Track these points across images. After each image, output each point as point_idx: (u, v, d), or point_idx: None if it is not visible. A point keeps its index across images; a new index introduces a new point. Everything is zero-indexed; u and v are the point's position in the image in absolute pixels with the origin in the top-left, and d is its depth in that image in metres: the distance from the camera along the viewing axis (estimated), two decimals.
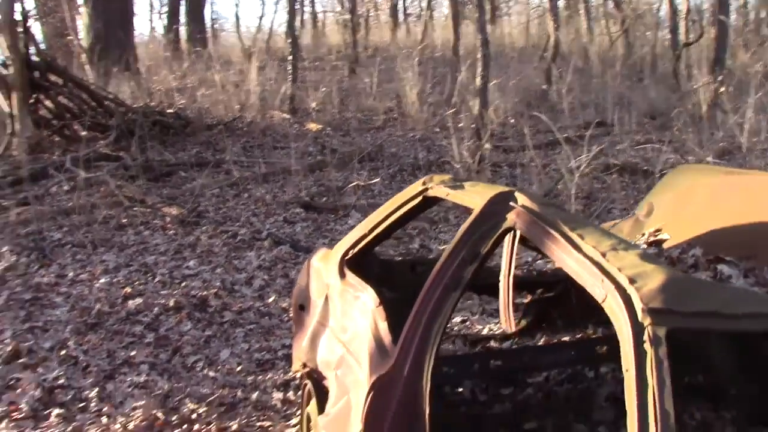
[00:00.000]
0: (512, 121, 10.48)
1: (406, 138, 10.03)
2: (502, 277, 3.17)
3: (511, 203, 2.14)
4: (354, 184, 7.41)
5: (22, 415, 3.54)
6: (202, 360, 4.12)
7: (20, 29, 9.30)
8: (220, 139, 9.52)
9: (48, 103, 9.59)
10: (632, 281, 1.54)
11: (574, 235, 1.82)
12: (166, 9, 20.42)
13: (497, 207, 2.18)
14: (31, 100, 9.36)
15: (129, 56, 13.12)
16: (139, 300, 4.84)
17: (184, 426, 3.40)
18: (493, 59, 12.53)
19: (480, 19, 8.32)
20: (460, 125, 8.96)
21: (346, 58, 15.65)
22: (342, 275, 2.78)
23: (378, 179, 7.89)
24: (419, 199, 2.60)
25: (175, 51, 16.20)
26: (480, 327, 4.50)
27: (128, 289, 5.02)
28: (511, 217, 2.10)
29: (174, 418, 3.46)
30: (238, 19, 23.04)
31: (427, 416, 1.97)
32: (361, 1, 22.21)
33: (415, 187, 2.63)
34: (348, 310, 2.65)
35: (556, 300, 3.58)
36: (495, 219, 2.16)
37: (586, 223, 2.00)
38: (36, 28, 19.02)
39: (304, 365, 2.96)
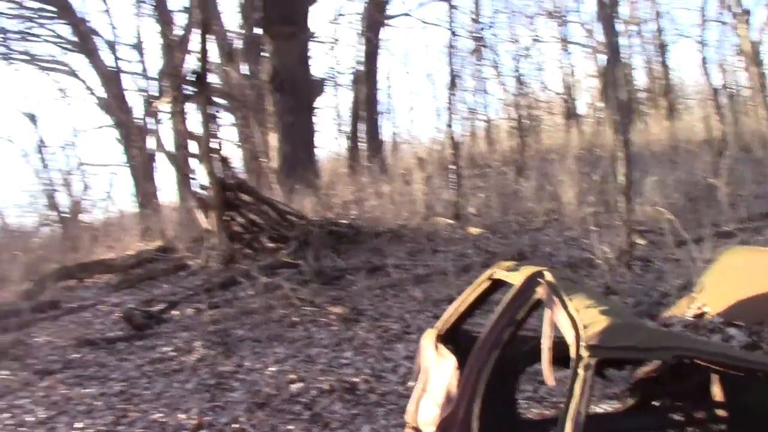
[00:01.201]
0: (669, 216, 10.64)
1: (562, 237, 10.46)
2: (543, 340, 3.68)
3: (539, 279, 2.74)
4: None
5: None
6: None
7: (217, 157, 10.88)
8: (386, 245, 10.45)
9: (239, 219, 11.01)
10: (585, 327, 2.11)
11: (566, 299, 2.40)
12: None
13: (531, 283, 2.78)
14: (226, 218, 10.82)
15: (312, 174, 14.62)
16: (300, 384, 5.67)
17: None
18: (661, 155, 12.75)
19: (622, 121, 8.79)
20: (611, 223, 9.32)
21: (514, 163, 16.38)
22: (436, 348, 3.42)
23: None
24: (488, 282, 3.22)
25: (353, 166, 17.70)
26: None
27: (293, 376, 5.87)
28: (539, 291, 2.70)
29: None
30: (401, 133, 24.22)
31: None
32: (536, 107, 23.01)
33: (487, 273, 3.26)
34: (439, 376, 3.27)
35: (661, 379, 3.97)
36: (528, 293, 2.76)
37: (582, 291, 2.56)
38: (236, 153, 21.59)
39: (413, 427, 3.58)
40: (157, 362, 6.61)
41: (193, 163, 12.76)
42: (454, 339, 3.44)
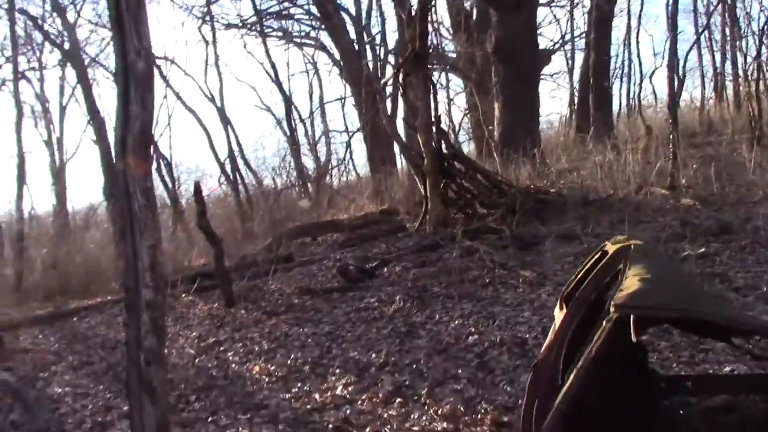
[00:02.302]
0: None
1: None
2: None
3: (628, 251, 3.22)
4: (686, 253, 8.05)
5: (379, 399, 5.28)
6: (506, 380, 5.45)
7: (434, 127, 11.74)
8: (593, 214, 10.74)
9: (453, 186, 11.83)
10: (621, 290, 2.63)
11: (627, 268, 2.90)
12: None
13: (620, 253, 3.26)
14: (440, 185, 11.68)
15: (531, 143, 15.04)
16: (476, 336, 6.38)
17: (475, 416, 4.78)
18: None
19: None
20: None
21: (746, 133, 15.62)
22: (560, 308, 3.97)
23: (727, 251, 8.38)
24: (599, 253, 3.71)
25: (578, 136, 17.80)
26: None
27: (472, 329, 6.59)
28: (624, 261, 3.19)
29: (469, 412, 4.87)
30: (637, 102, 23.40)
31: (558, 384, 3.12)
32: None
33: (602, 246, 3.75)
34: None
35: None
36: (616, 262, 3.25)
37: (646, 262, 3.00)
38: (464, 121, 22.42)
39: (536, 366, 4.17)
40: (362, 310, 7.66)
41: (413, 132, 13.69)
42: (570, 300, 3.97)
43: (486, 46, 16.65)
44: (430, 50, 14.10)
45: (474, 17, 20.36)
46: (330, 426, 4.91)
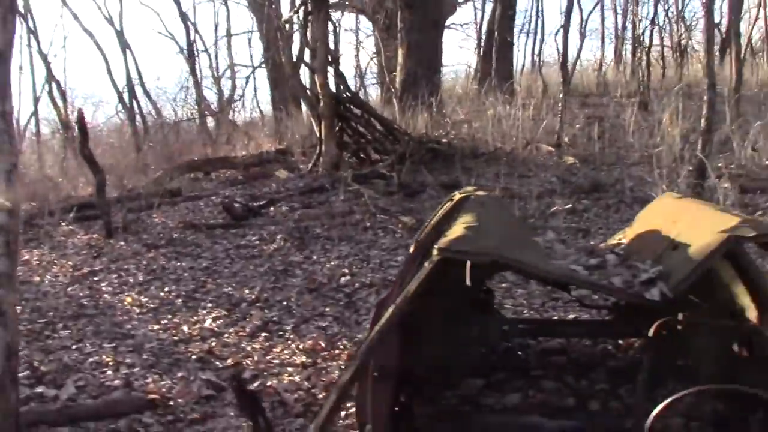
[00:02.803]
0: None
1: (652, 175, 10.68)
2: None
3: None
4: (555, 208, 8.49)
5: (245, 333, 5.45)
6: (369, 319, 5.69)
7: (331, 70, 11.77)
8: (480, 166, 11.09)
9: (348, 130, 11.94)
10: (446, 235, 2.84)
11: (457, 214, 3.13)
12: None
13: (461, 202, 3.51)
14: (336, 128, 11.77)
15: (430, 92, 15.24)
16: (349, 277, 6.61)
17: (334, 351, 5.02)
18: None
19: (708, 62, 8.88)
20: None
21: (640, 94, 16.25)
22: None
23: (594, 208, 8.87)
24: (451, 202, 3.93)
25: (478, 89, 18.11)
26: None
27: (346, 270, 6.82)
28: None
29: (329, 347, 5.10)
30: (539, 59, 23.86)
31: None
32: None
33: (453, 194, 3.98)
34: None
35: None
36: (457, 210, 3.49)
37: (475, 210, 3.24)
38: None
39: None
40: (242, 248, 7.78)
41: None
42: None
43: None
44: None
45: None
46: (193, 357, 5.04)
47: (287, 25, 12.87)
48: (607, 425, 3.23)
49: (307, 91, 12.53)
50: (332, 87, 11.61)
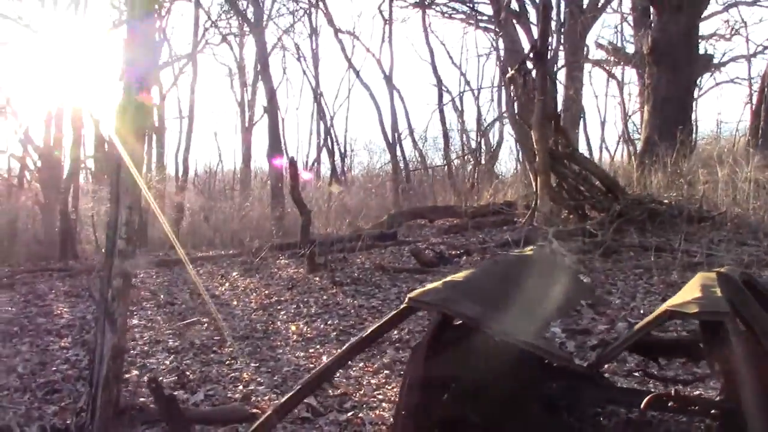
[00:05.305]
0: None
1: None
2: None
3: None
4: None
5: (371, 369, 5.87)
6: None
7: (554, 126, 11.88)
8: (702, 230, 10.48)
9: (565, 186, 11.93)
10: (423, 287, 3.09)
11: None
12: None
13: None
14: (555, 184, 11.81)
15: (676, 151, 14.60)
16: None
17: None
18: None
19: None
20: None
21: None
22: None
23: None
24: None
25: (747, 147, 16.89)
26: None
27: None
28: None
29: None
30: None
31: None
32: None
33: None
34: None
35: None
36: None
37: (478, 266, 3.39)
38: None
39: None
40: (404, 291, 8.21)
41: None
42: None
43: (643, 47, 16.30)
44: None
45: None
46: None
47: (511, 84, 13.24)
48: None
49: (526, 147, 12.75)
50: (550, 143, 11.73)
